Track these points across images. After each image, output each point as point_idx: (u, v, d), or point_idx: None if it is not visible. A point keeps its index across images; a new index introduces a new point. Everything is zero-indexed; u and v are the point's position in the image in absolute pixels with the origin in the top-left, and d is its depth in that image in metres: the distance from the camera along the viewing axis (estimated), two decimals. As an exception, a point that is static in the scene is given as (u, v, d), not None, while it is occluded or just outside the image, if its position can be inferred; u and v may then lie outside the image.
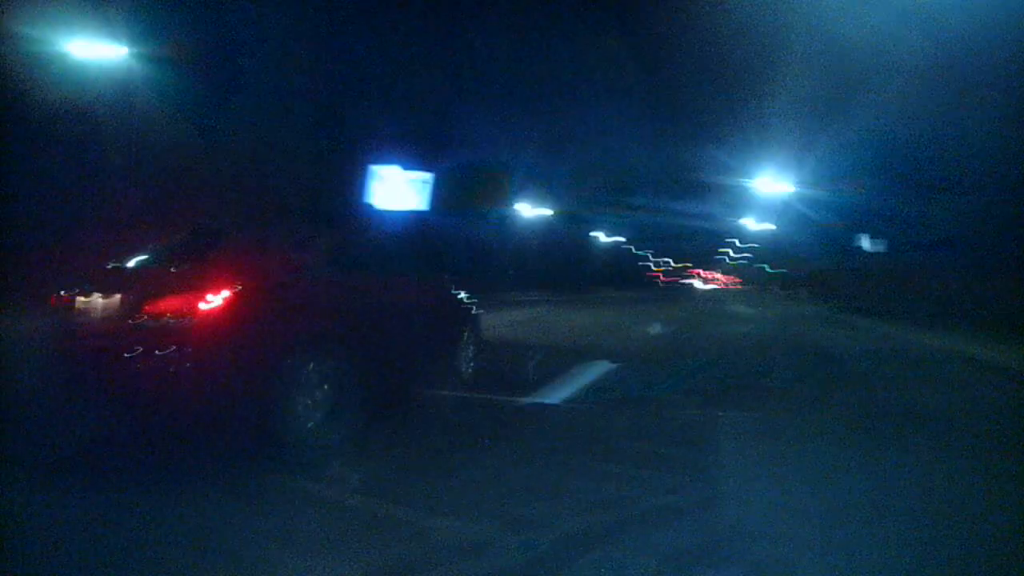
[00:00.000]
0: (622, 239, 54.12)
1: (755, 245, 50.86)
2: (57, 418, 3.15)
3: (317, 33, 14.46)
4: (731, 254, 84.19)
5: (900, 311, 14.58)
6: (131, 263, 3.48)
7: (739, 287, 76.40)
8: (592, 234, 45.26)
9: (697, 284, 76.48)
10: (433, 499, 2.74)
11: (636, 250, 66.82)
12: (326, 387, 3.31)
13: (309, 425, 3.20)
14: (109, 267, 3.47)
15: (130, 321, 2.90)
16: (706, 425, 4.15)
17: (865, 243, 20.38)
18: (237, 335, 2.99)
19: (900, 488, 2.98)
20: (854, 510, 2.67)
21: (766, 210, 38.20)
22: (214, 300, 2.89)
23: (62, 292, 3.20)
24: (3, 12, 8.11)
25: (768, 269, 51.96)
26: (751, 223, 48.70)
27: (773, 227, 42.88)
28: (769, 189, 24.91)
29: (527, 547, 2.24)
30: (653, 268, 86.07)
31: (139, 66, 9.55)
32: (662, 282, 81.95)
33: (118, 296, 3.02)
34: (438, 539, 2.35)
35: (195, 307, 2.86)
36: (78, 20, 8.63)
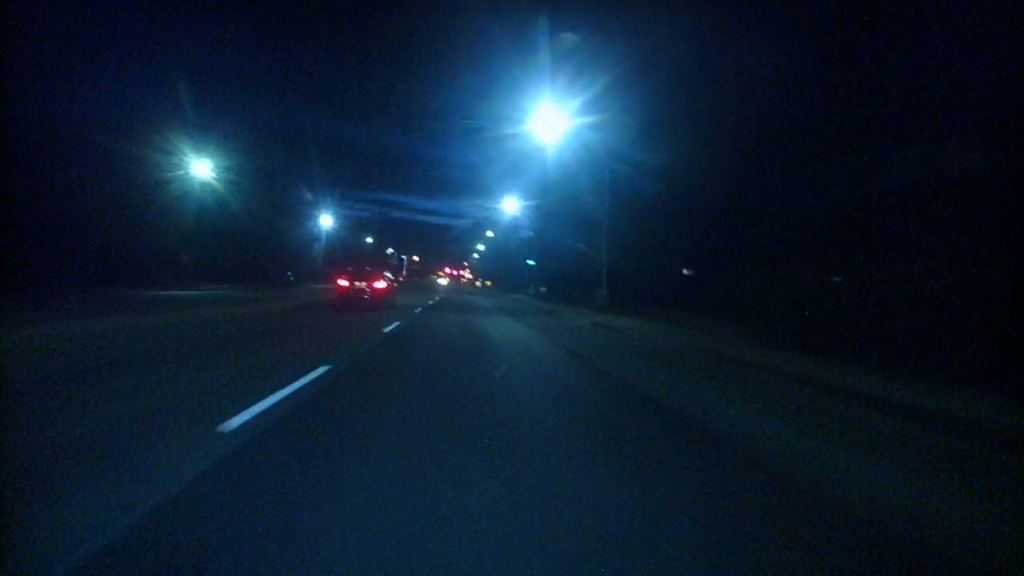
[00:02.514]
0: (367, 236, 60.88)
1: (530, 232, 41.14)
2: (355, 305, 18.17)
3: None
4: (481, 248, 77.56)
5: None
6: (363, 269, 19.11)
7: (485, 285, 74.53)
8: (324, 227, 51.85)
9: (441, 281, 79.97)
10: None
11: (378, 244, 74.04)
12: (392, 299, 19.28)
13: (389, 304, 18.98)
14: (361, 271, 18.85)
15: (367, 286, 18.28)
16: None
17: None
18: (385, 290, 18.83)
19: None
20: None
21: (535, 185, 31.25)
22: (381, 283, 18.58)
23: (342, 279, 18.18)
24: None
25: (531, 262, 40.70)
26: (513, 205, 39.33)
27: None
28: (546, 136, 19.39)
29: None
30: (398, 264, 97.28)
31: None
32: (402, 278, 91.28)
33: (364, 281, 18.34)
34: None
35: (378, 285, 18.47)
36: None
